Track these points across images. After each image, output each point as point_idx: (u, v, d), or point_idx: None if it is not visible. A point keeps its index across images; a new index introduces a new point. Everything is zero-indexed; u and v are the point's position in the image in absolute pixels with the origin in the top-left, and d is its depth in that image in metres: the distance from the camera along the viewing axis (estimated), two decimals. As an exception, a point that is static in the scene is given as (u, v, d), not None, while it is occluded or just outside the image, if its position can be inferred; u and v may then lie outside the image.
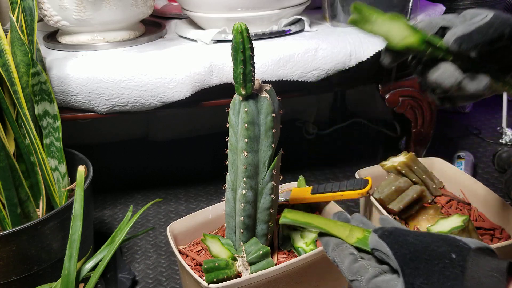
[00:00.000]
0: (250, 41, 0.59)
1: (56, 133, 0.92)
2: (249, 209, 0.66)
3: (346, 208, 1.17)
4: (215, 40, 1.07)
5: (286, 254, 0.71)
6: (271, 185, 0.66)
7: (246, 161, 0.64)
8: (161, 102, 0.99)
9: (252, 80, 0.61)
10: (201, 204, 1.24)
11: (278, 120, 0.65)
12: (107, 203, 1.26)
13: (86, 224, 0.86)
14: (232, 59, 0.60)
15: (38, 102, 0.89)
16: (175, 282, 0.98)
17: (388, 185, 0.80)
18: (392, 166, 0.87)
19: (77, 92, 0.97)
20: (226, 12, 1.04)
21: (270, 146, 0.64)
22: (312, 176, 1.33)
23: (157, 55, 1.02)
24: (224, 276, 0.63)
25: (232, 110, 0.64)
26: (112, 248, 0.79)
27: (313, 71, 1.03)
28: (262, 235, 0.69)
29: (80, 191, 0.80)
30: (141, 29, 1.16)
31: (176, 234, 0.74)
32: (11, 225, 0.85)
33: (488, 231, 0.77)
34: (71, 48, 1.07)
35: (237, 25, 0.58)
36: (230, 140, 0.66)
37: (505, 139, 1.44)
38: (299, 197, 0.78)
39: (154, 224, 1.18)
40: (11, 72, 0.86)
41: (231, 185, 0.68)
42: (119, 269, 0.99)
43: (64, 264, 0.75)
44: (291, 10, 1.08)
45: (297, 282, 0.66)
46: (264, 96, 0.62)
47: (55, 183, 0.93)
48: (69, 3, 1.00)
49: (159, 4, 1.39)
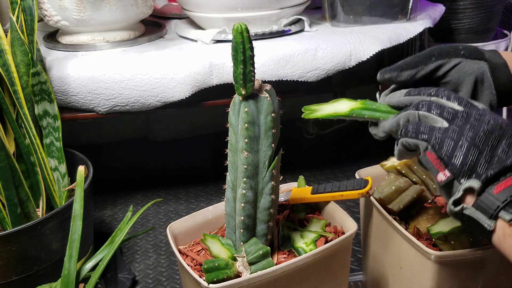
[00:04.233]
0: (250, 41, 0.59)
1: (56, 133, 0.92)
2: (249, 209, 0.66)
3: (346, 208, 1.16)
4: (215, 40, 1.07)
5: (286, 254, 0.71)
6: (271, 185, 0.66)
7: (246, 161, 0.64)
8: (161, 102, 0.99)
9: (252, 80, 0.61)
10: (201, 204, 1.24)
11: (278, 120, 0.65)
12: (107, 203, 1.26)
13: (86, 224, 0.86)
14: (232, 59, 0.60)
15: (38, 102, 0.89)
16: (175, 282, 0.98)
17: (388, 185, 0.80)
18: (392, 166, 0.86)
19: (77, 92, 0.97)
20: (226, 12, 1.05)
21: (270, 146, 0.64)
22: (312, 176, 1.33)
23: (157, 55, 1.02)
24: (224, 276, 0.63)
25: (232, 110, 0.64)
26: (112, 248, 0.79)
27: (313, 71, 1.03)
28: (262, 235, 0.69)
29: (80, 191, 0.80)
30: (141, 29, 1.16)
31: (176, 234, 0.73)
32: (11, 225, 0.85)
33: (488, 231, 0.77)
34: (71, 48, 1.07)
35: (237, 25, 0.58)
36: (230, 140, 0.66)
37: (505, 139, 1.43)
38: (299, 197, 0.78)
39: (154, 224, 1.18)
40: (11, 72, 0.86)
41: (231, 185, 0.68)
42: (119, 269, 0.99)
43: (64, 264, 0.75)
44: (291, 10, 1.08)
45: (297, 282, 0.66)
46: (264, 96, 0.62)
47: (55, 183, 0.93)
48: (69, 3, 1.01)
49: (159, 4, 1.39)
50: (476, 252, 0.64)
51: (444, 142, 0.47)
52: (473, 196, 0.46)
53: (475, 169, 0.45)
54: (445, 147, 0.47)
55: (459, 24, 1.37)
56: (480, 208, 0.44)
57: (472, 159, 0.45)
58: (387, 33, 1.08)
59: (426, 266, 0.65)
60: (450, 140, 0.47)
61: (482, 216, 0.44)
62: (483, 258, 0.65)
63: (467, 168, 0.45)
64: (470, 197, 0.46)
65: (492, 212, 0.43)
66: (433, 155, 0.48)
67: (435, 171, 0.48)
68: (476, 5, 1.34)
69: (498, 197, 0.43)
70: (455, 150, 0.46)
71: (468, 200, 0.46)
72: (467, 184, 0.45)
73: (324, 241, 0.71)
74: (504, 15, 1.52)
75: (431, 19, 1.18)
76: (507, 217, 0.42)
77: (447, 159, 0.47)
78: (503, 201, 0.42)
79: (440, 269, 0.64)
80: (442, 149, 0.47)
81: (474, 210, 0.45)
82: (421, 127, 0.50)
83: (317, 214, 0.79)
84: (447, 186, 0.48)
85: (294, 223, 0.76)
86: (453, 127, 0.47)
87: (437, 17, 1.22)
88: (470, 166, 0.45)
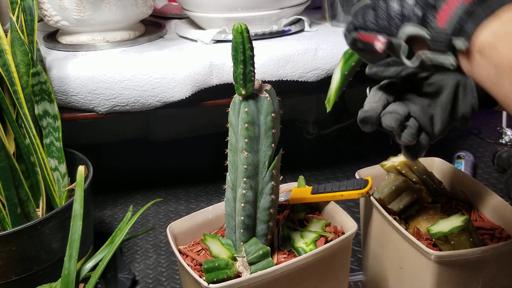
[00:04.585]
0: (250, 41, 0.59)
1: (56, 133, 0.92)
2: (249, 209, 0.66)
3: (346, 208, 1.16)
4: (215, 40, 1.07)
5: (286, 254, 0.71)
6: (271, 185, 0.66)
7: (246, 161, 0.64)
8: (161, 102, 0.99)
9: (252, 80, 0.61)
10: (201, 204, 1.24)
11: (278, 120, 0.65)
12: (107, 203, 1.26)
13: (86, 224, 0.86)
14: (232, 59, 0.60)
15: (38, 102, 0.89)
16: (175, 282, 0.98)
17: (388, 185, 0.80)
18: (392, 166, 0.87)
19: (77, 92, 0.97)
20: (226, 12, 1.05)
21: (270, 146, 0.64)
22: (312, 176, 1.33)
23: (157, 55, 1.02)
24: (224, 276, 0.63)
25: (232, 110, 0.64)
26: (112, 248, 0.79)
27: (313, 71, 1.03)
28: (262, 235, 0.69)
29: (80, 191, 0.80)
30: (141, 29, 1.16)
31: (176, 234, 0.74)
32: (11, 225, 0.85)
33: (488, 231, 0.77)
34: (71, 48, 1.07)
35: (237, 25, 0.58)
36: (230, 140, 0.66)
37: (505, 139, 1.44)
38: (299, 197, 0.78)
39: (154, 224, 1.18)
40: (11, 72, 0.86)
41: (231, 185, 0.68)
42: (119, 269, 0.99)
43: (64, 264, 0.75)
44: (291, 10, 1.08)
45: (297, 282, 0.66)
46: (264, 96, 0.62)
47: (55, 183, 0.93)
48: (69, 3, 1.01)
49: (159, 4, 1.39)
50: (476, 252, 0.64)
51: (365, 14, 0.45)
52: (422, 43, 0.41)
53: (405, 18, 0.41)
54: (366, 15, 0.44)
55: (459, 24, 1.37)
56: (435, 49, 0.40)
57: (395, 9, 0.42)
58: (387, 33, 1.08)
59: (426, 266, 0.65)
60: (367, 8, 0.45)
61: (440, 57, 0.40)
62: (483, 258, 0.65)
63: (394, 21, 0.42)
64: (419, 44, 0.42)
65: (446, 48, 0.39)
66: (362, 33, 0.45)
67: (372, 46, 0.45)
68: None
69: (446, 30, 0.38)
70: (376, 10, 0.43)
71: (419, 47, 0.42)
72: (406, 31, 0.41)
73: (324, 241, 0.71)
74: (504, 15, 1.52)
75: (431, 19, 1.17)
76: (462, 46, 0.38)
77: (373, 26, 0.44)
78: (452, 33, 0.38)
79: (440, 269, 0.64)
80: (364, 20, 0.45)
81: (430, 53, 0.40)
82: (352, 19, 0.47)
83: (317, 214, 0.79)
84: (392, 51, 0.44)
85: (294, 223, 0.76)
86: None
87: (437, 17, 1.22)
88: (398, 17, 0.42)
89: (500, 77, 0.35)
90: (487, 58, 0.36)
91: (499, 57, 0.35)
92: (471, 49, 0.37)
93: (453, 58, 0.39)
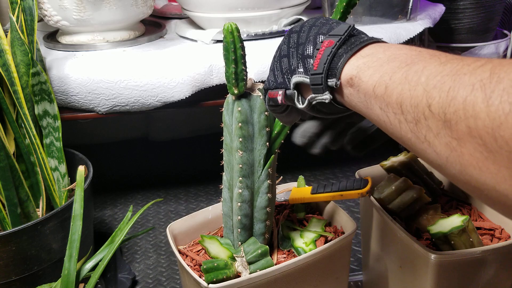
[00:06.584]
0: (241, 41, 0.59)
1: (56, 133, 0.92)
2: (246, 208, 0.66)
3: (346, 208, 1.17)
4: (215, 40, 1.07)
5: (286, 254, 0.71)
6: (267, 183, 0.66)
7: (241, 160, 0.64)
8: (161, 102, 0.99)
9: (245, 79, 0.61)
10: (201, 204, 1.24)
11: (272, 119, 0.65)
12: (107, 203, 1.26)
13: (86, 224, 0.86)
14: (223, 59, 0.60)
15: (38, 102, 0.89)
16: (175, 282, 0.98)
17: (388, 185, 0.80)
18: (392, 166, 0.86)
19: (77, 92, 0.97)
20: (226, 12, 1.05)
21: (265, 145, 0.64)
22: (312, 176, 1.33)
23: (157, 55, 1.02)
24: (223, 276, 0.63)
25: (225, 109, 0.65)
26: (112, 248, 0.79)
27: (313, 71, 1.02)
28: (260, 234, 0.69)
29: (80, 191, 0.81)
30: (141, 29, 1.16)
31: (176, 234, 0.74)
32: (11, 225, 0.85)
33: (488, 231, 0.77)
34: (71, 48, 1.07)
35: (227, 24, 0.58)
36: (225, 140, 0.66)
37: (505, 139, 1.43)
38: (298, 197, 0.78)
39: (154, 224, 1.18)
40: (11, 72, 0.86)
41: (227, 185, 0.68)
42: (119, 269, 0.99)
43: (64, 264, 0.75)
44: (291, 10, 1.08)
45: (297, 282, 0.66)
46: (257, 94, 0.62)
47: (55, 183, 0.93)
48: (69, 3, 1.01)
49: (159, 4, 1.39)
50: (476, 252, 0.64)
51: (269, 77, 0.53)
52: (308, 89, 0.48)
53: (293, 71, 0.49)
54: (269, 78, 0.53)
55: (459, 24, 1.37)
56: (315, 90, 0.46)
57: (286, 66, 0.50)
58: (387, 33, 1.08)
59: (426, 266, 0.65)
60: (270, 72, 0.53)
61: (319, 96, 0.46)
62: (483, 258, 0.65)
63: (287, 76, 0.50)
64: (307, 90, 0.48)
65: (322, 88, 0.45)
66: (270, 92, 0.52)
67: (276, 101, 0.51)
68: (476, 5, 1.34)
69: (318, 72, 0.45)
70: (274, 72, 0.51)
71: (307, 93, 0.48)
72: (293, 80, 0.48)
73: (324, 241, 0.71)
74: (504, 15, 1.52)
75: (431, 19, 1.18)
76: (332, 83, 0.44)
77: (274, 84, 0.51)
78: (324, 74, 0.44)
79: (440, 269, 0.64)
80: (269, 82, 0.52)
81: (313, 95, 0.46)
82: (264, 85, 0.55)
83: (317, 214, 0.79)
84: (290, 100, 0.50)
85: (293, 223, 0.76)
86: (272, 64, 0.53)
87: (437, 17, 1.22)
88: (288, 72, 0.50)
89: (369, 102, 0.41)
90: (355, 88, 0.42)
91: (364, 86, 0.41)
92: (342, 83, 0.44)
93: (329, 95, 0.45)
